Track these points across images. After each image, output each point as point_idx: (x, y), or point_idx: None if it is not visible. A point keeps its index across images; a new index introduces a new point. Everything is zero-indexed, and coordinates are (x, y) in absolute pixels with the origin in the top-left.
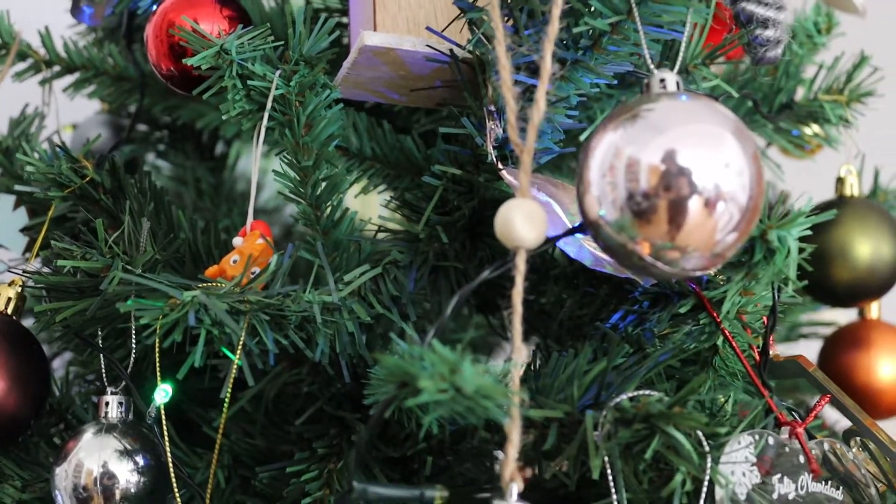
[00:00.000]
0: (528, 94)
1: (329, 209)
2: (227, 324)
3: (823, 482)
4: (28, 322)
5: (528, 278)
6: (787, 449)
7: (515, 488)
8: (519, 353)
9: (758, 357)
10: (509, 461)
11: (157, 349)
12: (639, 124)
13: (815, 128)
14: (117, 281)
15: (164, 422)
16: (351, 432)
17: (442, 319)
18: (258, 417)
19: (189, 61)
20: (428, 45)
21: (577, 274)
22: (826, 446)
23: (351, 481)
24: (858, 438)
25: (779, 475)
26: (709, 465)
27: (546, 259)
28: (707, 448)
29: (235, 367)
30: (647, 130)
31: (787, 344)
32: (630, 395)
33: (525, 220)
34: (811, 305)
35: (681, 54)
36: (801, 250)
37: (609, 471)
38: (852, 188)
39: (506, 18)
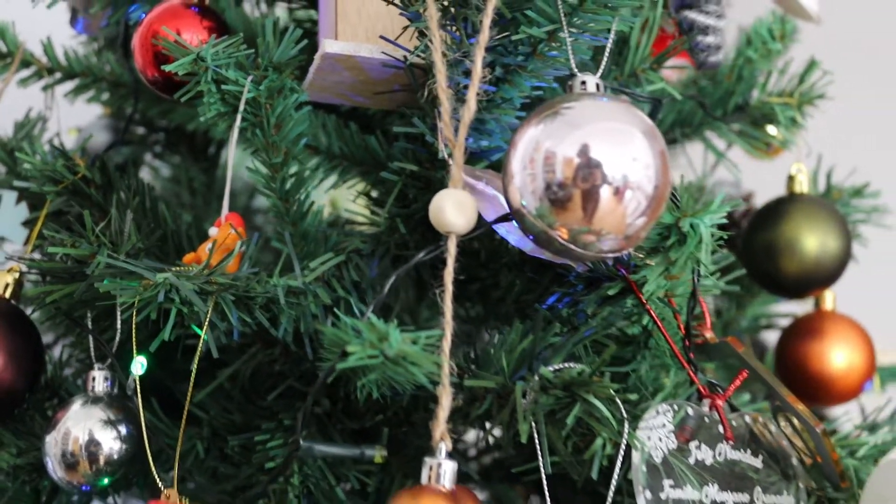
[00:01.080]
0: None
1: (297, 203)
2: (195, 302)
3: (743, 450)
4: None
5: (488, 267)
6: (706, 420)
7: (444, 447)
8: (449, 327)
9: (683, 331)
10: (439, 423)
11: (133, 325)
12: (558, 120)
13: (776, 130)
14: (102, 265)
15: (139, 391)
16: (315, 405)
17: (379, 297)
18: (235, 394)
19: (167, 67)
20: (384, 53)
21: (525, 262)
22: (748, 419)
23: (298, 440)
24: (786, 414)
25: (696, 443)
26: (626, 430)
27: (500, 249)
28: (625, 415)
29: (202, 341)
30: (564, 126)
31: (749, 334)
32: (556, 367)
33: (454, 207)
34: (772, 298)
35: (605, 59)
36: (717, 238)
37: (536, 435)
38: (801, 185)
39: (453, 28)
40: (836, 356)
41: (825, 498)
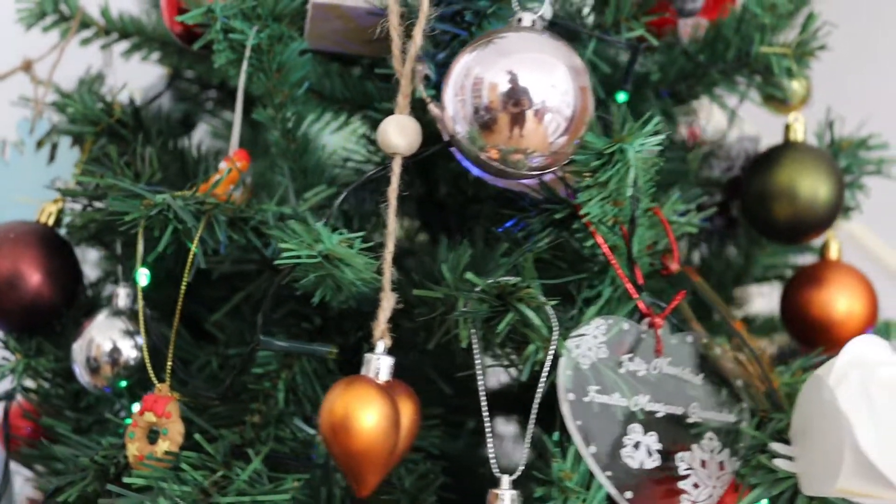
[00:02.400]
0: (453, 44)
1: (297, 140)
2: (186, 220)
3: (682, 368)
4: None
5: (474, 199)
6: (644, 336)
7: (382, 344)
8: (391, 238)
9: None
10: (380, 323)
11: (139, 242)
12: (489, 48)
13: (796, 84)
14: (117, 189)
15: (140, 300)
16: (307, 322)
17: (332, 210)
18: (247, 316)
19: (180, 18)
20: (367, 1)
21: (499, 195)
22: (690, 339)
23: (259, 335)
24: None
25: (630, 355)
26: (555, 338)
27: (475, 184)
28: (555, 324)
29: (192, 254)
30: (493, 54)
31: (759, 284)
32: (497, 280)
33: (397, 130)
34: (782, 249)
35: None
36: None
37: (474, 341)
38: (796, 133)
39: None
40: (838, 303)
41: (767, 418)
